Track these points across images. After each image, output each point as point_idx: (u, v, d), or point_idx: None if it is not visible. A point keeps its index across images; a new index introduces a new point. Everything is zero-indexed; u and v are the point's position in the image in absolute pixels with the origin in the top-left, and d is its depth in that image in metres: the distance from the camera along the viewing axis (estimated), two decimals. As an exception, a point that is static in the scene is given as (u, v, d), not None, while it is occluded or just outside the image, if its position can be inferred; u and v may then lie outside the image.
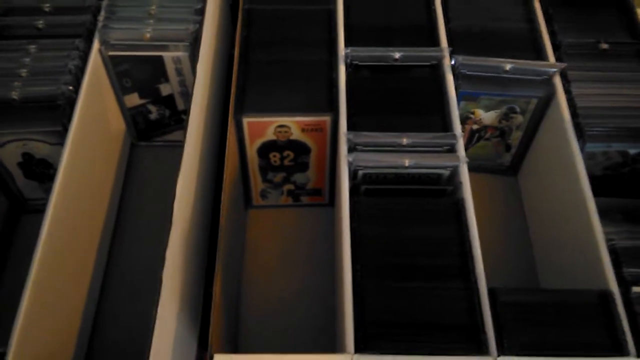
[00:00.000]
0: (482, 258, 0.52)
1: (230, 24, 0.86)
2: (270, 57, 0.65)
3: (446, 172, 0.58)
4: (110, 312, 0.67)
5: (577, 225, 0.58)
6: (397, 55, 0.63)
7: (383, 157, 0.57)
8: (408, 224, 0.54)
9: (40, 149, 0.64)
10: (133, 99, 0.72)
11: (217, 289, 0.52)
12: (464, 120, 0.68)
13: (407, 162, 0.56)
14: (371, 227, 0.54)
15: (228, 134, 0.60)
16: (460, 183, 0.56)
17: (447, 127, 0.60)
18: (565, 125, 0.61)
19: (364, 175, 0.58)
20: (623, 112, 0.62)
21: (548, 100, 0.65)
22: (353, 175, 0.57)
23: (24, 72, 0.63)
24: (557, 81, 0.63)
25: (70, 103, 0.62)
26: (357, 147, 0.58)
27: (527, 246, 0.71)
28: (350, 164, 0.57)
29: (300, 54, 0.66)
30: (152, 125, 0.77)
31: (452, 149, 0.58)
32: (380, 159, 0.57)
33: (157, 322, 0.47)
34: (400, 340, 0.48)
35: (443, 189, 0.58)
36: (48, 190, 0.68)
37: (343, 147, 0.58)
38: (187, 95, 0.73)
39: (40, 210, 0.70)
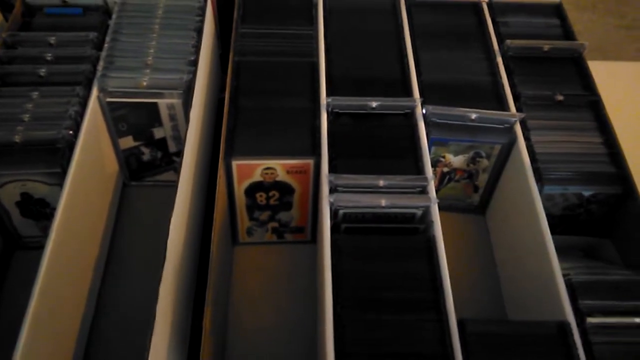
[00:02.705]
0: (452, 291, 0.55)
1: (220, 71, 0.92)
2: (258, 105, 0.70)
3: (419, 212, 0.62)
4: (102, 345, 0.69)
5: (537, 260, 0.62)
6: (374, 104, 0.68)
7: (361, 197, 0.61)
8: (384, 260, 0.58)
9: (38, 189, 0.67)
10: (127, 142, 0.76)
11: (206, 323, 0.55)
12: (435, 164, 0.74)
13: (383, 203, 0.61)
14: (350, 263, 0.58)
15: (218, 176, 0.64)
16: (432, 222, 0.61)
17: (419, 170, 0.65)
18: (526, 170, 0.66)
19: (344, 214, 0.62)
20: (577, 158, 0.68)
21: (510, 146, 0.70)
22: (334, 214, 0.61)
23: (26, 117, 0.66)
24: (518, 129, 0.69)
25: (70, 146, 0.65)
26: (338, 188, 0.62)
27: (495, 280, 0.75)
28: (331, 204, 0.61)
29: (285, 102, 0.70)
30: (144, 166, 0.81)
31: (424, 191, 0.63)
32: (359, 200, 0.61)
33: (151, 354, 0.50)
34: (378, 369, 0.52)
35: (416, 227, 0.62)
36: (44, 228, 0.71)
37: (325, 188, 0.62)
38: (179, 139, 0.77)
39: (34, 247, 0.73)
